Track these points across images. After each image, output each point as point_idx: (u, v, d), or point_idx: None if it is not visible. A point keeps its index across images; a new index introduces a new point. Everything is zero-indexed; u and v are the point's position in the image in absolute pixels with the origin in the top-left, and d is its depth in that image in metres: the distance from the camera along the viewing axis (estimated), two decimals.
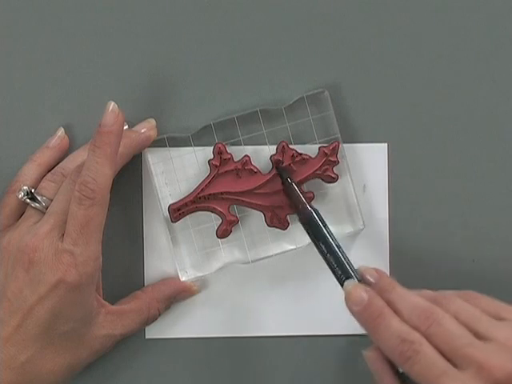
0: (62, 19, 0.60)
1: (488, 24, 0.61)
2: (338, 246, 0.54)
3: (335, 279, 0.54)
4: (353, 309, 0.51)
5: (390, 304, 0.51)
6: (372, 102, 0.61)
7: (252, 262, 0.59)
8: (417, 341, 0.49)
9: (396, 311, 0.51)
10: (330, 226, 0.56)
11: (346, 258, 0.54)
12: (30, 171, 0.58)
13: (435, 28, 0.61)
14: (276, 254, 0.60)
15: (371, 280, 0.52)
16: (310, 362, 0.61)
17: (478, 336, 0.49)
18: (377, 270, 0.53)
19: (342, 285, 0.53)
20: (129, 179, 0.60)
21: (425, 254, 0.61)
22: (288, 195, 0.58)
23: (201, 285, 0.60)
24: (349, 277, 0.53)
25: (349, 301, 0.52)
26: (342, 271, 0.54)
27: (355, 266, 0.54)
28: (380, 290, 0.52)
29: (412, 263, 0.61)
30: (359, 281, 0.53)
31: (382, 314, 0.50)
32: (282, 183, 0.58)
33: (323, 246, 0.55)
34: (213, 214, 0.59)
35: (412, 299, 0.51)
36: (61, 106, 0.60)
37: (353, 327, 0.52)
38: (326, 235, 0.55)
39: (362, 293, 0.51)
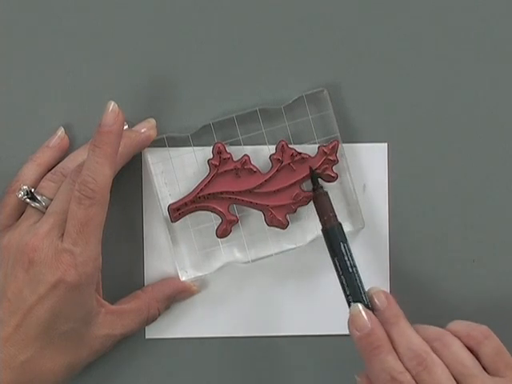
0: (62, 19, 0.60)
1: (488, 24, 0.61)
2: (353, 266, 0.54)
3: (344, 296, 0.54)
4: (354, 333, 0.52)
5: (389, 337, 0.51)
6: (372, 102, 0.61)
7: (252, 261, 0.59)
8: (406, 383, 0.49)
9: (394, 346, 0.51)
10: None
11: (358, 278, 0.54)
12: (30, 171, 0.58)
13: (435, 28, 0.61)
14: (276, 254, 0.59)
15: (379, 306, 0.53)
16: (310, 362, 0.61)
17: None
18: (386, 296, 0.53)
19: (349, 304, 0.53)
20: (129, 179, 0.60)
21: (424, 254, 0.61)
22: (316, 202, 0.57)
23: (201, 285, 0.60)
24: (357, 299, 0.53)
25: (352, 324, 0.52)
26: (350, 292, 0.54)
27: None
28: (384, 320, 0.52)
29: (412, 263, 0.61)
30: (367, 303, 0.53)
31: (380, 347, 0.51)
32: (313, 190, 0.58)
33: (338, 263, 0.54)
34: (212, 214, 0.59)
35: (410, 338, 0.51)
36: (61, 106, 0.60)
37: None
38: (343, 252, 0.54)
39: (366, 320, 0.52)
